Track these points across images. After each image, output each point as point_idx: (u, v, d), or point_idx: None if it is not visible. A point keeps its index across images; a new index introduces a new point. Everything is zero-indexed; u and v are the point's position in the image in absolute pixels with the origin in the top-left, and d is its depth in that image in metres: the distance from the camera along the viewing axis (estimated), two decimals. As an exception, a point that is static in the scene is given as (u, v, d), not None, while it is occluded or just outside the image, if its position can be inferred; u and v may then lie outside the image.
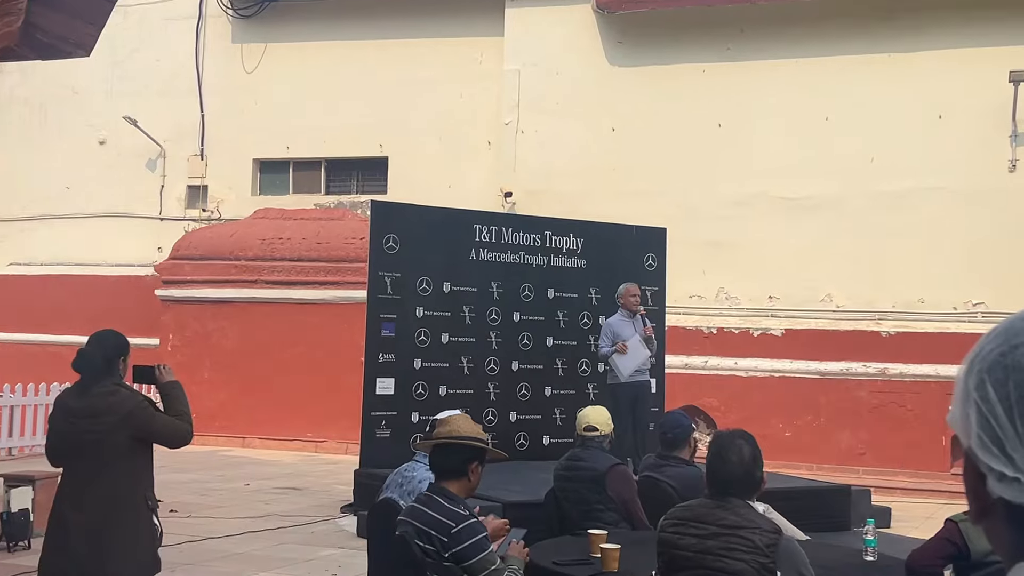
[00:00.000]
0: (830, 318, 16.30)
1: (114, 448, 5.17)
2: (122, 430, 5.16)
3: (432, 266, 11.99)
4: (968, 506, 1.12)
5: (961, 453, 1.16)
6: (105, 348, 5.35)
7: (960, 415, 1.13)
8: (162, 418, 5.35)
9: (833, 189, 16.46)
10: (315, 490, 13.33)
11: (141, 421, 5.22)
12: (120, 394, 5.26)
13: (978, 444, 1.10)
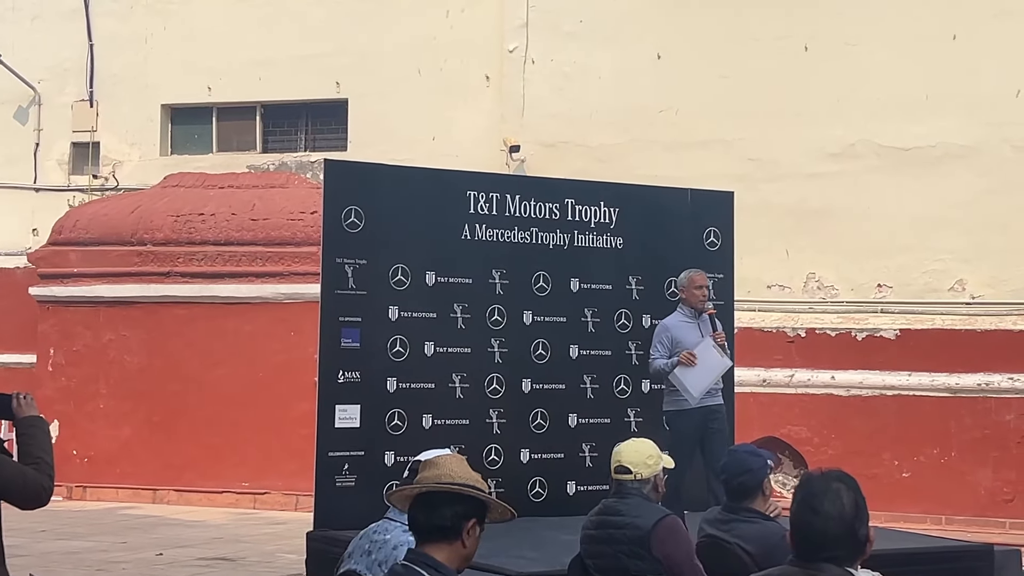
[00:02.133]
0: (963, 314, 16.29)
1: None
2: None
3: (410, 250, 11.92)
4: None
5: None
6: None
7: None
8: (9, 464, 5.35)
9: (965, 135, 16.46)
10: (252, 560, 13.35)
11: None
12: None
13: None
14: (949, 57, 16.55)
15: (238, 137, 20.22)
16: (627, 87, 17.72)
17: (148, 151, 20.30)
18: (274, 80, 19.62)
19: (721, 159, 16.14)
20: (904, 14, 16.72)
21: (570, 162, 16.24)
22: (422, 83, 18.83)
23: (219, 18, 19.70)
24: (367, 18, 19.00)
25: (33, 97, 20.45)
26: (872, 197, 16.70)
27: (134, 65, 20.11)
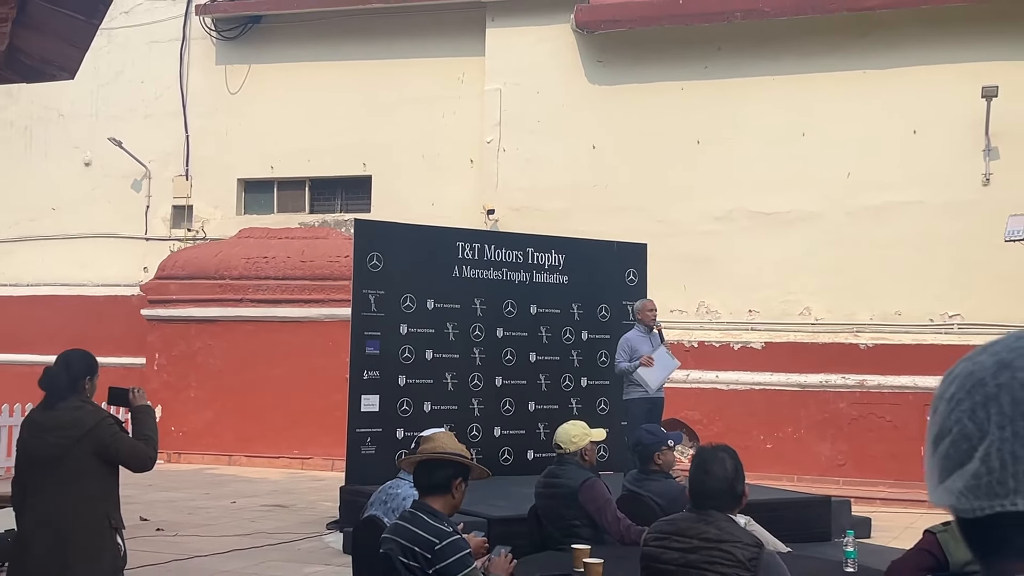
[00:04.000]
0: (809, 331, 16.34)
1: (76, 463, 5.17)
2: (84, 445, 5.17)
3: (416, 283, 11.97)
4: None
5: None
6: (71, 368, 5.36)
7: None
8: (126, 439, 5.32)
9: (811, 204, 16.52)
10: (301, 507, 13.27)
11: (103, 438, 5.21)
12: (85, 410, 5.27)
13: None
14: (799, 149, 16.64)
15: (292, 202, 20.15)
16: (571, 169, 17.74)
17: (227, 212, 20.23)
18: (318, 162, 19.60)
19: (637, 221, 16.16)
20: (767, 117, 16.80)
21: (530, 222, 16.23)
22: (424, 165, 18.83)
23: (278, 118, 19.66)
24: (385, 118, 19.00)
25: (145, 173, 20.36)
26: (744, 248, 16.74)
27: (217, 150, 20.06)
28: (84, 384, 5.36)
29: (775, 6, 16.67)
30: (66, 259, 20.40)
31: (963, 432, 1.09)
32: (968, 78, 15.68)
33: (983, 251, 15.04)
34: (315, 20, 19.86)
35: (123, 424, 5.44)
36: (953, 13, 16.03)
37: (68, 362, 5.38)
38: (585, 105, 17.94)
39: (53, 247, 20.57)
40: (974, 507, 1.08)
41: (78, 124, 20.51)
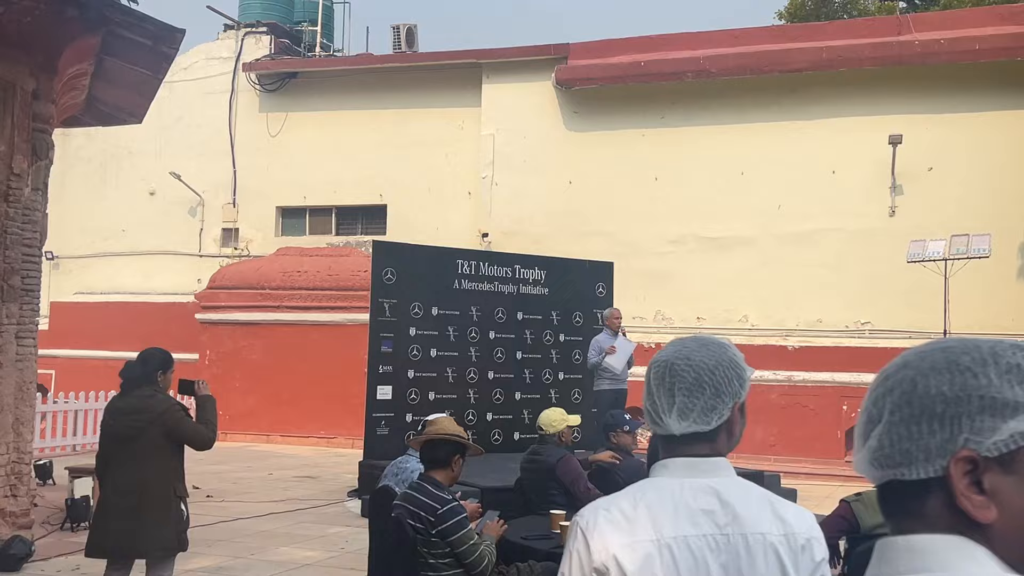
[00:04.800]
0: (746, 335, 16.37)
1: (149, 442, 5.21)
2: (155, 427, 5.22)
3: (422, 294, 11.97)
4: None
5: (850, 443, 1.17)
6: (147, 362, 5.40)
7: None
8: (190, 423, 5.36)
9: (748, 230, 16.60)
10: (326, 478, 13.24)
11: (171, 421, 5.25)
12: (156, 398, 5.32)
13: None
14: (739, 185, 16.71)
15: (321, 226, 20.15)
16: (551, 200, 17.78)
17: (267, 234, 20.22)
18: (342, 193, 19.61)
19: (606, 243, 16.19)
20: (712, 159, 16.87)
21: (517, 244, 16.26)
22: (430, 196, 18.85)
23: (309, 156, 19.68)
24: (398, 157, 19.03)
25: (199, 201, 20.34)
26: (694, 266, 16.79)
27: (259, 183, 20.05)
28: (158, 376, 5.39)
29: (719, 68, 16.76)
30: (134, 272, 20.39)
31: (868, 415, 1.12)
32: (877, 128, 15.79)
33: (889, 270, 15.11)
34: (341, 76, 19.92)
35: (188, 410, 5.46)
36: (865, 75, 16.15)
37: (146, 358, 5.43)
38: (563, 148, 17.99)
39: (123, 262, 20.56)
40: (875, 476, 1.10)
41: (144, 160, 20.50)
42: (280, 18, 21.12)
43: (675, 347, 1.91)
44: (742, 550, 1.72)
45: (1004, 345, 1.07)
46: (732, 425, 1.88)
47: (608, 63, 17.55)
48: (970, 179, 15.35)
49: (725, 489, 1.79)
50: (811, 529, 1.77)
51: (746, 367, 1.91)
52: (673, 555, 1.70)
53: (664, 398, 1.83)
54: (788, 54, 16.50)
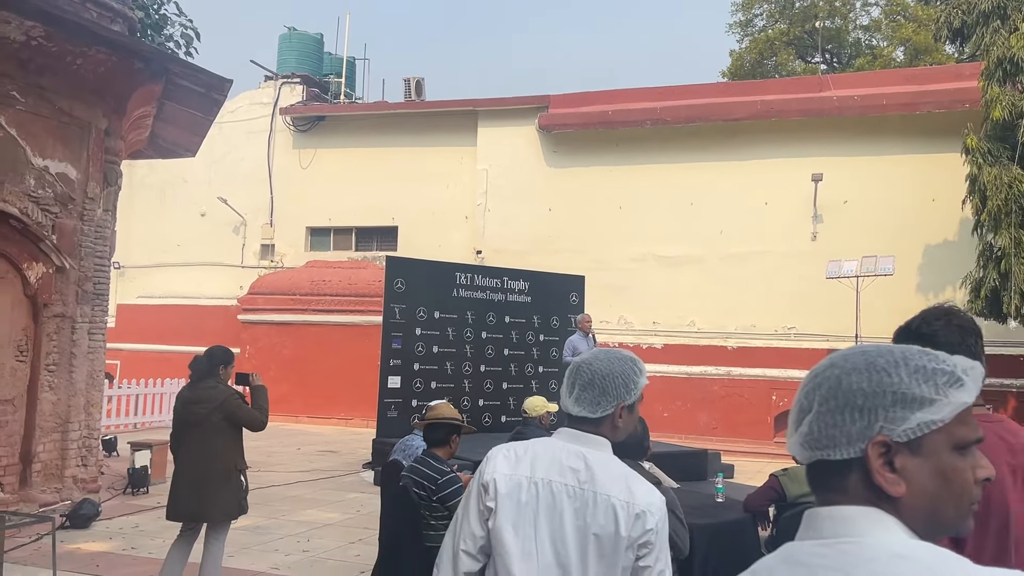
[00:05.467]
0: (694, 337, 16.42)
1: (212, 426, 5.25)
2: (218, 413, 5.25)
3: (427, 300, 11.95)
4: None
5: (778, 427, 1.18)
6: (211, 358, 5.43)
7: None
8: (246, 409, 5.37)
9: (696, 251, 16.65)
10: (345, 453, 13.19)
11: (231, 408, 5.28)
12: (219, 388, 5.33)
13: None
14: (689, 213, 16.75)
15: (343, 243, 20.09)
16: (534, 224, 17.80)
17: (298, 249, 20.15)
18: (361, 216, 19.57)
19: (579, 260, 16.20)
20: (667, 191, 16.92)
21: (506, 260, 16.25)
22: (434, 219, 18.83)
23: (334, 186, 19.64)
24: (408, 187, 19.01)
25: (242, 221, 20.26)
26: (651, 280, 16.82)
27: (292, 207, 19.99)
28: (220, 370, 5.41)
29: (673, 117, 16.83)
30: (186, 280, 20.28)
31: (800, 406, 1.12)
32: (802, 168, 15.88)
33: (811, 285, 15.18)
34: (360, 120, 19.90)
35: (245, 398, 5.47)
36: (793, 124, 16.24)
37: (211, 354, 5.45)
38: (544, 181, 18.01)
39: (178, 272, 20.44)
40: (805, 456, 1.11)
41: (197, 187, 20.41)
42: (311, 71, 21.14)
43: (590, 354, 2.16)
44: (590, 502, 1.93)
45: (912, 351, 1.08)
46: (615, 419, 2.08)
47: (582, 112, 17.60)
48: (878, 211, 15.45)
49: (593, 458, 2.00)
50: (651, 504, 1.93)
51: (638, 380, 2.14)
52: (538, 490, 1.98)
53: (569, 387, 2.11)
54: (730, 106, 16.58)
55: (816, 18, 27.57)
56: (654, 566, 1.92)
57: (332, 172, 19.80)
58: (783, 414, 15.32)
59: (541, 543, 1.95)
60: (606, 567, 1.90)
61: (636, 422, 2.17)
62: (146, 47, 8.70)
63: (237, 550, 6.87)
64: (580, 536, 1.92)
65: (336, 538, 7.54)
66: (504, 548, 1.96)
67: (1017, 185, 11.20)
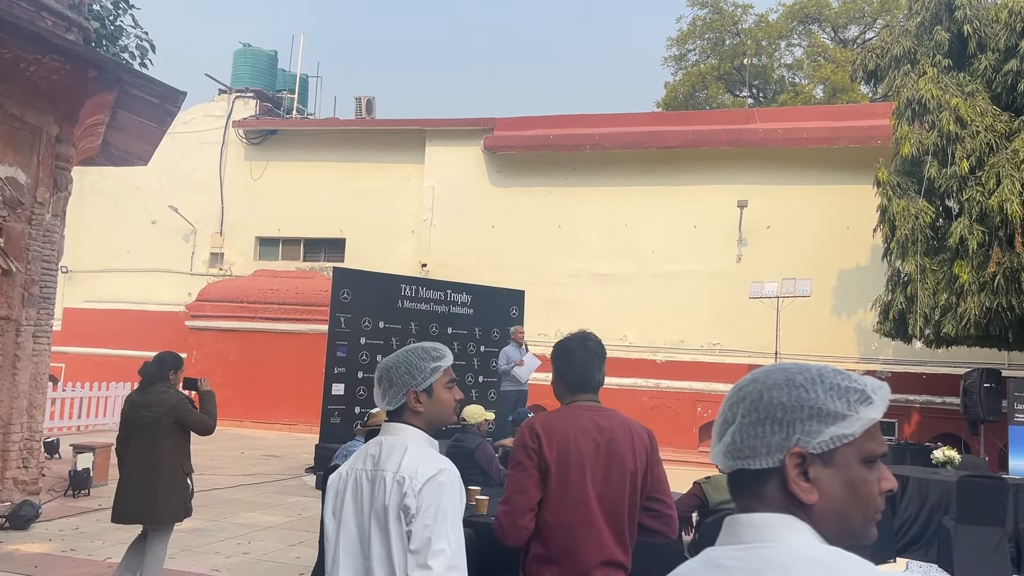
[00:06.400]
0: (626, 350, 16.57)
1: (162, 429, 5.17)
2: (167, 417, 5.17)
3: (372, 310, 11.83)
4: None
5: (703, 437, 1.19)
6: (162, 363, 5.34)
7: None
8: (195, 413, 5.27)
9: (629, 269, 16.83)
10: (288, 457, 12.95)
11: (180, 412, 5.19)
12: (168, 393, 5.24)
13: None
14: (623, 234, 16.94)
15: (291, 253, 19.78)
16: (477, 240, 17.79)
17: (247, 258, 19.77)
18: (310, 227, 19.31)
19: (518, 275, 16.23)
20: (603, 212, 17.10)
21: (450, 273, 16.20)
22: (382, 233, 18.68)
23: (284, 198, 19.36)
24: (356, 201, 18.84)
25: (192, 230, 19.80)
26: (587, 295, 16.94)
27: (242, 217, 19.63)
28: (170, 375, 5.30)
29: (611, 143, 17.04)
30: (135, 286, 19.71)
31: (724, 418, 1.14)
32: (729, 195, 16.21)
33: (735, 303, 15.48)
34: (312, 135, 19.68)
35: (194, 403, 5.36)
36: (721, 153, 16.57)
37: (161, 360, 5.34)
38: (488, 199, 18.04)
39: (127, 277, 19.86)
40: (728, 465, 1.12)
41: (148, 195, 19.89)
42: (264, 86, 20.85)
43: (391, 355, 2.31)
44: (378, 482, 2.05)
45: (828, 369, 1.11)
46: (412, 405, 2.20)
47: (525, 135, 17.70)
48: (798, 236, 15.84)
49: (387, 444, 2.13)
50: (413, 471, 2.01)
51: (424, 364, 2.26)
52: (349, 479, 2.12)
53: (375, 386, 2.28)
54: (664, 135, 16.86)
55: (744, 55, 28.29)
56: (419, 533, 1.91)
57: (283, 184, 19.51)
58: (707, 425, 15.55)
59: (347, 527, 2.05)
60: (387, 540, 1.96)
61: (450, 404, 2.28)
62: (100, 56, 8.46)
63: (178, 551, 6.68)
64: (374, 515, 2.01)
65: (276, 540, 7.38)
66: (326, 535, 2.10)
67: (923, 216, 11.61)
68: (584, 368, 2.80)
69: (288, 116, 21.02)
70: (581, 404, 2.76)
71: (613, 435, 2.67)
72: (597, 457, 2.62)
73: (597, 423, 2.68)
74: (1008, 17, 11.35)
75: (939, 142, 11.32)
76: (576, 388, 2.81)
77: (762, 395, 1.10)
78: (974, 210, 10.86)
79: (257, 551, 6.97)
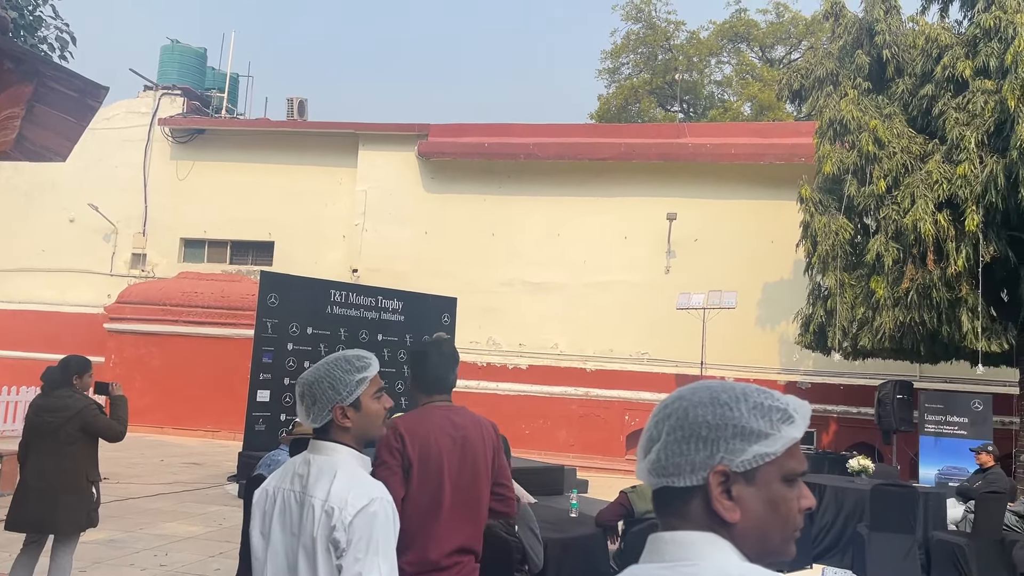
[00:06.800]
0: (556, 359, 16.68)
1: (67, 435, 4.98)
2: (73, 423, 4.98)
3: (300, 316, 11.60)
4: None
5: (630, 445, 1.20)
6: (66, 367, 5.15)
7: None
8: (104, 419, 5.07)
9: (561, 278, 16.95)
10: (210, 465, 12.59)
11: (87, 418, 5.00)
12: (75, 398, 5.05)
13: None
14: (555, 243, 17.07)
15: (218, 256, 19.29)
16: (410, 246, 17.67)
17: (171, 260, 19.20)
18: (238, 230, 18.88)
19: (451, 282, 16.17)
20: (536, 221, 17.19)
21: (381, 279, 16.04)
22: (312, 236, 18.38)
23: (211, 198, 18.89)
24: (286, 204, 18.51)
25: (114, 229, 19.12)
26: (519, 303, 16.98)
27: (166, 217, 19.06)
28: (75, 379, 5.09)
29: (545, 152, 17.16)
30: (51, 286, 18.92)
31: (650, 435, 1.14)
32: (659, 207, 16.49)
33: (664, 313, 15.74)
34: (242, 135, 19.27)
35: (103, 408, 5.15)
36: (652, 166, 16.85)
37: (66, 364, 5.14)
38: (422, 205, 17.94)
39: (42, 277, 19.04)
40: (653, 482, 1.12)
41: (67, 193, 19.13)
42: (193, 84, 20.32)
43: (311, 369, 2.17)
44: (306, 508, 1.95)
45: (752, 388, 1.12)
46: (339, 421, 2.08)
47: (460, 142, 17.68)
48: (725, 250, 16.21)
49: (317, 465, 2.02)
50: (344, 501, 1.90)
51: (348, 377, 2.12)
52: (275, 498, 2.03)
53: (297, 402, 2.14)
54: (596, 146, 17.06)
55: (676, 71, 28.88)
56: (350, 568, 1.84)
57: (210, 185, 19.02)
58: (635, 433, 15.75)
59: (275, 550, 1.98)
60: (315, 572, 1.88)
61: (380, 415, 2.17)
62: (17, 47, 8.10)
63: (89, 564, 6.41)
64: (302, 545, 1.93)
65: (195, 552, 7.15)
66: (254, 555, 2.04)
67: (843, 233, 12.02)
68: (438, 370, 2.99)
69: (217, 115, 20.52)
70: (437, 404, 2.97)
71: (467, 431, 2.91)
72: (453, 452, 2.85)
73: (453, 421, 2.91)
74: (924, 44, 11.87)
75: (858, 162, 11.74)
76: (431, 389, 3.00)
77: (687, 413, 1.10)
78: (890, 228, 11.30)
79: (175, 563, 6.75)
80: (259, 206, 18.60)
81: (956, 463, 11.78)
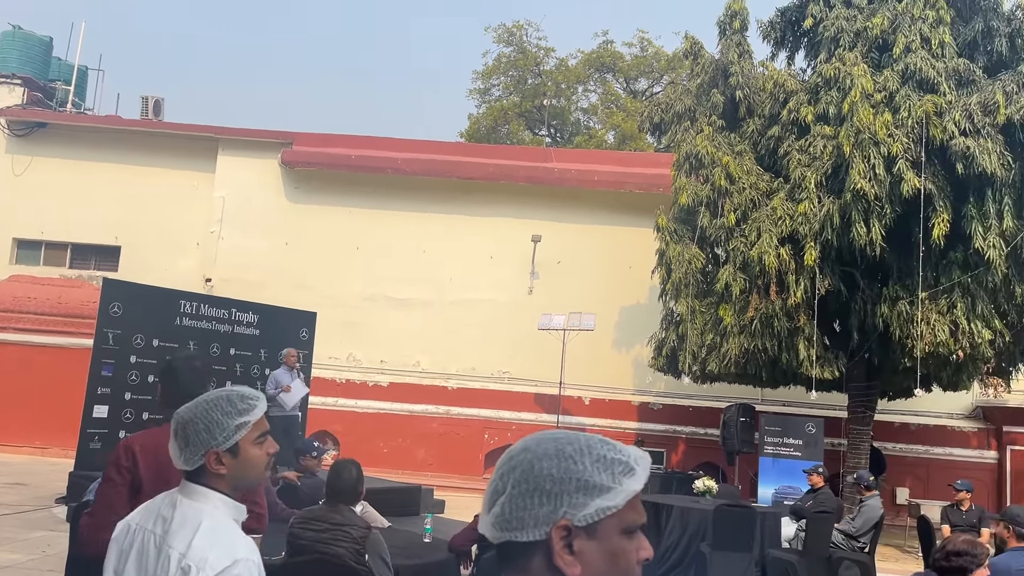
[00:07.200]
0: (418, 376, 16.55)
1: None
2: None
3: (146, 327, 10.92)
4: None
5: (488, 464, 1.17)
6: None
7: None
8: None
9: (426, 295, 16.87)
10: (36, 485, 11.60)
11: None
12: None
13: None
14: (421, 260, 16.99)
15: (56, 259, 17.96)
16: (269, 256, 17.08)
17: (2, 261, 17.70)
18: (80, 231, 17.66)
19: (311, 296, 15.71)
20: (402, 236, 17.05)
21: (237, 290, 15.38)
22: (163, 243, 17.43)
23: (51, 197, 17.58)
24: (136, 207, 17.49)
25: (-66, 225, 17.47)
26: (381, 319, 16.75)
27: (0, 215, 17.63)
28: None
29: (413, 168, 17.08)
30: None
31: (495, 487, 1.12)
32: (524, 229, 16.75)
33: (526, 333, 15.94)
34: (89, 132, 18.09)
35: None
36: (518, 188, 17.11)
37: None
38: (283, 215, 17.41)
39: None
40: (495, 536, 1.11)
41: None
42: (35, 73, 18.91)
43: (188, 405, 1.98)
44: (163, 555, 1.80)
45: (596, 440, 1.12)
46: (213, 467, 1.92)
47: (326, 152, 17.31)
48: (586, 273, 16.63)
49: (182, 510, 1.87)
50: (203, 560, 1.74)
51: (226, 421, 1.93)
52: (134, 537, 1.89)
53: (171, 438, 1.97)
54: (464, 165, 17.15)
55: (544, 96, 29.54)
56: None
57: (50, 182, 17.70)
58: (493, 451, 15.83)
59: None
60: None
61: (261, 461, 1.99)
62: None
63: None
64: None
65: (14, 584, 6.56)
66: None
67: (695, 262, 12.61)
68: (188, 387, 2.93)
69: (62, 109, 19.17)
70: None
71: None
72: None
73: None
74: (773, 88, 12.70)
75: (711, 195, 12.37)
76: (178, 405, 2.89)
77: (532, 465, 1.09)
78: (738, 259, 11.96)
79: (-12, 597, 6.16)
80: (105, 208, 17.48)
81: (791, 483, 12.55)
